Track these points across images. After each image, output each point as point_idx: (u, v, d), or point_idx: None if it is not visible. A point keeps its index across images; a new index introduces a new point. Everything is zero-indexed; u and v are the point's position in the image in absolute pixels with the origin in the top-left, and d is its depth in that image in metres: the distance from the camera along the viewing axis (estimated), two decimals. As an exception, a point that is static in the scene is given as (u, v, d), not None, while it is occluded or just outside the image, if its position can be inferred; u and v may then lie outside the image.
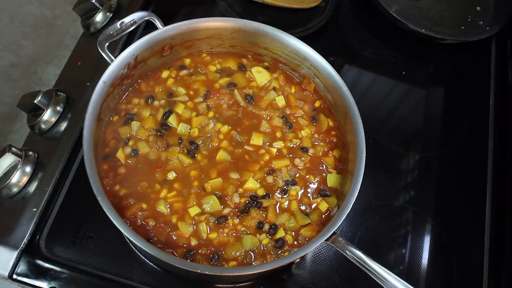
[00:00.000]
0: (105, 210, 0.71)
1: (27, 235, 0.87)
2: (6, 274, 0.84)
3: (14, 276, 0.84)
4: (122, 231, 0.70)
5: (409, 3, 1.25)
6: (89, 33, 1.10)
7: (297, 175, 0.88)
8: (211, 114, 0.92)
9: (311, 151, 0.90)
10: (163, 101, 0.92)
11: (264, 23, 0.92)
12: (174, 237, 0.80)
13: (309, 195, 0.86)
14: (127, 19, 0.92)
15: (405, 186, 1.02)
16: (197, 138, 0.89)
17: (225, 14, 1.15)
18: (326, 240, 0.74)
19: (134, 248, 0.89)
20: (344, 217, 0.74)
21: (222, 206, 0.83)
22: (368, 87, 1.15)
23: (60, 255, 0.87)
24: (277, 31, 0.92)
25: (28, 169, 0.92)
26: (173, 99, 0.93)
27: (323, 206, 0.85)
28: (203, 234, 0.81)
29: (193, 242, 0.80)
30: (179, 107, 0.91)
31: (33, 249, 0.87)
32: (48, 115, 0.98)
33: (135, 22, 0.93)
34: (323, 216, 0.84)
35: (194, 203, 0.83)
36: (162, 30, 0.90)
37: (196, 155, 0.87)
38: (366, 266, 0.73)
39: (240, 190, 0.84)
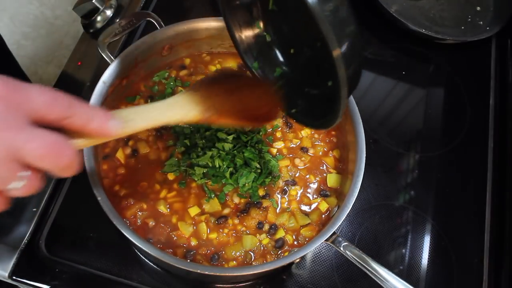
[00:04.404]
0: (105, 210, 0.71)
1: (27, 235, 0.87)
2: (6, 274, 0.84)
3: (14, 276, 0.84)
4: (122, 231, 0.70)
5: (409, 3, 1.25)
6: (89, 33, 1.10)
7: (297, 175, 0.88)
8: (211, 114, 0.91)
9: (311, 151, 0.90)
10: (163, 101, 0.92)
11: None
12: (174, 237, 0.80)
13: (309, 195, 0.87)
14: (127, 19, 0.92)
15: (405, 186, 1.02)
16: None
17: (225, 14, 1.15)
18: (326, 240, 0.74)
19: (134, 248, 0.89)
20: (344, 217, 0.74)
21: (222, 206, 0.83)
22: (368, 87, 1.15)
23: (60, 255, 0.87)
24: (277, 31, 0.92)
25: (28, 169, 0.92)
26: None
27: (323, 206, 0.85)
28: (203, 234, 0.81)
29: (193, 242, 0.80)
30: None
31: (33, 249, 0.87)
32: (48, 115, 0.97)
33: (135, 22, 0.93)
34: (323, 216, 0.84)
35: (194, 203, 0.83)
36: (162, 30, 0.90)
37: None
38: (366, 266, 0.73)
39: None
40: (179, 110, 0.64)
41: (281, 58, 0.78)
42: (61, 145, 0.46)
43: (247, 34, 0.77)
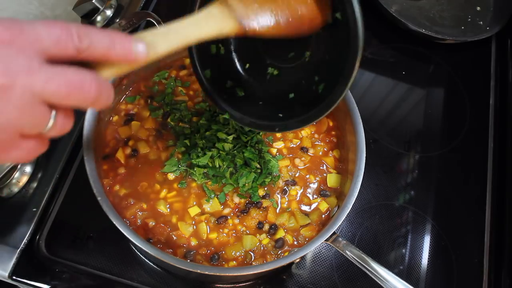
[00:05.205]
0: (105, 210, 0.71)
1: (27, 235, 0.87)
2: (6, 274, 0.84)
3: (14, 276, 0.84)
4: (122, 231, 0.70)
5: (409, 3, 1.25)
6: (89, 33, 1.10)
7: (297, 175, 0.88)
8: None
9: (311, 151, 0.90)
10: (162, 101, 0.92)
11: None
12: (174, 237, 0.80)
13: (309, 195, 0.86)
14: (127, 19, 0.92)
15: (405, 186, 1.02)
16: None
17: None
18: (326, 240, 0.74)
19: (134, 248, 0.89)
20: (344, 217, 0.74)
21: (222, 206, 0.83)
22: (368, 87, 1.15)
23: (60, 255, 0.87)
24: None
25: (28, 169, 0.92)
26: (173, 99, 0.93)
27: (323, 206, 0.85)
28: (203, 234, 0.81)
29: (193, 242, 0.80)
30: (179, 107, 0.91)
31: (33, 249, 0.87)
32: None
33: (135, 22, 0.93)
34: (323, 216, 0.84)
35: (194, 203, 0.83)
36: (162, 30, 0.90)
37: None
38: (366, 266, 0.73)
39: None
40: (212, 23, 0.56)
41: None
42: (84, 79, 0.43)
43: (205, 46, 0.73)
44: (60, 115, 0.45)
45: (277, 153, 0.89)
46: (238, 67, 0.74)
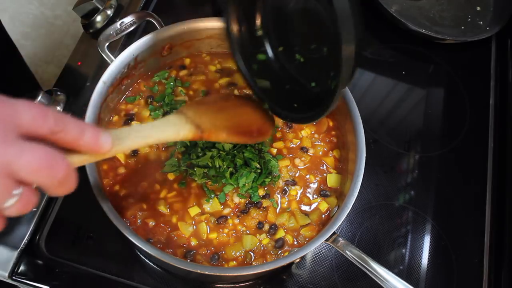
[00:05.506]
0: (105, 210, 0.71)
1: (27, 235, 0.87)
2: (6, 274, 0.84)
3: (14, 276, 0.84)
4: (122, 231, 0.70)
5: (409, 3, 1.25)
6: (89, 33, 1.10)
7: (297, 175, 0.88)
8: (211, 114, 0.91)
9: (311, 151, 0.90)
10: (162, 101, 0.92)
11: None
12: (174, 237, 0.80)
13: (309, 195, 0.87)
14: (127, 19, 0.92)
15: (405, 186, 1.02)
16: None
17: (225, 14, 1.15)
18: (326, 240, 0.74)
19: (134, 248, 0.89)
20: (344, 217, 0.74)
21: (222, 206, 0.83)
22: (368, 87, 1.15)
23: (60, 255, 0.87)
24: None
25: (28, 169, 0.92)
26: (173, 99, 0.93)
27: (323, 206, 0.85)
28: (203, 234, 0.81)
29: (193, 242, 0.80)
30: (179, 107, 0.91)
31: (33, 249, 0.87)
32: (48, 115, 0.97)
33: (135, 22, 0.93)
34: (323, 216, 0.84)
35: (194, 203, 0.83)
36: (162, 30, 0.90)
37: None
38: (366, 266, 0.73)
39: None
40: (170, 128, 0.65)
41: (270, 54, 0.78)
42: (55, 158, 0.44)
43: (241, 27, 0.77)
44: (26, 192, 0.45)
45: (277, 153, 0.89)
46: (269, 49, 0.78)
